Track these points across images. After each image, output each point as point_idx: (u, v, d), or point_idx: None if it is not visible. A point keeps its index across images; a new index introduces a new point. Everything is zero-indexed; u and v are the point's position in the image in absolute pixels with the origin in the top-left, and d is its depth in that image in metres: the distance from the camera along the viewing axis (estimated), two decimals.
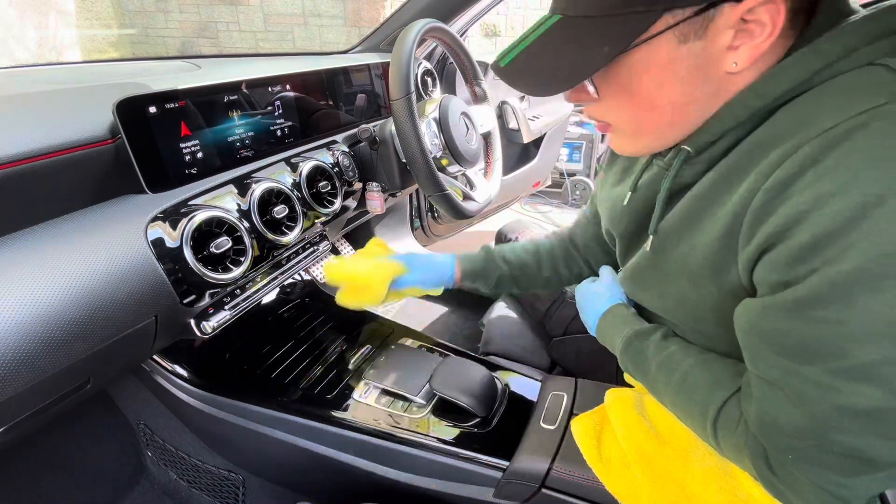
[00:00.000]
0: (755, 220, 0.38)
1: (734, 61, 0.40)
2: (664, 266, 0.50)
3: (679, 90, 0.42)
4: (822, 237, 0.34)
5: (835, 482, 0.39)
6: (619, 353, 0.61)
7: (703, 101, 0.43)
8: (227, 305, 0.74)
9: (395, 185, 0.96)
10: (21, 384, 0.50)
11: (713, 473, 0.56)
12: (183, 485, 0.98)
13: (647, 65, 0.41)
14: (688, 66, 0.41)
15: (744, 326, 0.43)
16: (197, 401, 0.84)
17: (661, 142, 0.48)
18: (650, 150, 0.50)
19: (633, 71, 0.42)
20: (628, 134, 0.49)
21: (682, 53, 0.40)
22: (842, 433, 0.37)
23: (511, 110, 1.64)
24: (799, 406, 0.39)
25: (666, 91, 0.42)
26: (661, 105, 0.43)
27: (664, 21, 0.39)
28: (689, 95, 0.42)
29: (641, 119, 0.46)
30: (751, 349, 0.43)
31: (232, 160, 0.75)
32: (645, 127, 0.46)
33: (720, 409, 0.48)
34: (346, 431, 0.76)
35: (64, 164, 0.58)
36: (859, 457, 0.38)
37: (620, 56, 0.41)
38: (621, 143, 0.51)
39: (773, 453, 0.42)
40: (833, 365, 0.36)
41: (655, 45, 0.40)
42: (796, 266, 0.36)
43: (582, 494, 0.64)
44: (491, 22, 4.31)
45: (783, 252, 0.37)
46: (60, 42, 4.63)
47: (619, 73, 0.43)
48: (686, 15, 0.38)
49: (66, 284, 0.52)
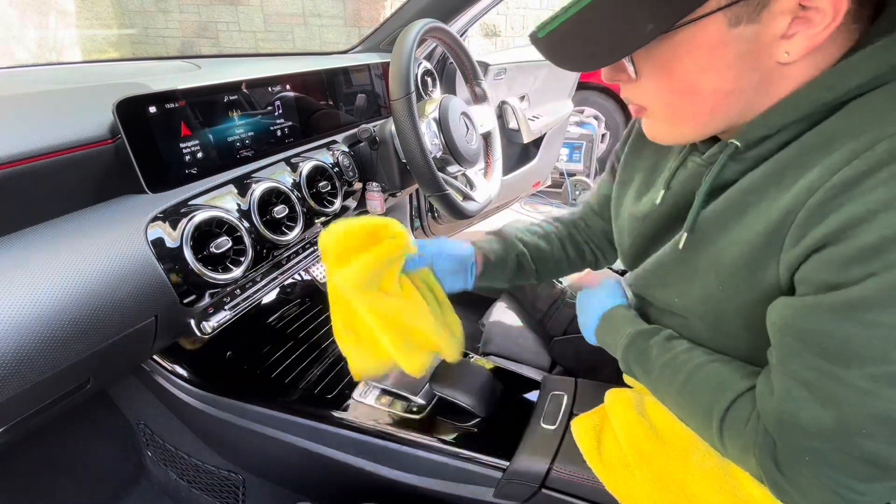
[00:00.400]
0: (811, 218, 0.37)
1: (787, 51, 0.37)
2: (693, 262, 0.48)
3: (724, 77, 0.40)
4: (891, 240, 0.32)
5: (847, 486, 0.39)
6: (620, 352, 0.61)
7: (748, 91, 0.41)
8: (227, 305, 0.74)
9: (395, 185, 0.96)
10: (21, 384, 0.50)
11: (713, 473, 0.56)
12: (183, 485, 0.98)
13: (692, 46, 0.39)
14: (736, 52, 0.38)
15: (778, 324, 0.41)
16: (197, 401, 0.84)
17: (698, 131, 0.46)
18: (685, 139, 0.48)
19: (678, 52, 0.40)
20: (664, 119, 0.46)
21: (732, 37, 0.38)
22: (869, 439, 0.37)
23: (511, 110, 1.64)
24: (830, 408, 0.38)
25: (710, 77, 0.40)
26: (703, 91, 0.41)
27: (716, 1, 0.36)
28: (734, 84, 0.40)
29: (680, 104, 0.43)
30: (784, 348, 0.41)
31: (232, 160, 0.75)
32: (683, 113, 0.44)
33: (728, 408, 0.47)
34: (346, 431, 0.75)
35: (64, 164, 0.58)
36: (880, 463, 0.37)
37: (665, 35, 0.38)
38: (655, 128, 0.48)
39: (786, 453, 0.42)
40: (875, 370, 0.35)
41: (703, 25, 0.37)
42: (852, 268, 0.35)
43: (582, 494, 0.64)
44: (491, 22, 4.31)
45: (839, 252, 0.35)
46: (60, 42, 4.63)
47: (662, 54, 0.40)
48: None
49: (66, 284, 0.52)
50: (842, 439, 0.38)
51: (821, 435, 0.39)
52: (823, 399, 0.38)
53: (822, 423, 0.38)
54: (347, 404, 0.79)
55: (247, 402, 0.81)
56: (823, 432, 0.39)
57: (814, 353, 0.38)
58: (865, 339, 0.35)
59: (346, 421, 0.76)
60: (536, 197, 2.95)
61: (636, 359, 0.59)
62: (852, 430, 0.37)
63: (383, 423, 0.75)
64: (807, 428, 0.39)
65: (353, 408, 0.78)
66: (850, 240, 0.34)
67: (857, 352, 0.36)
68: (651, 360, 0.56)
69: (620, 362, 0.63)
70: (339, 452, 0.77)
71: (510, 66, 1.56)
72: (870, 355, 0.35)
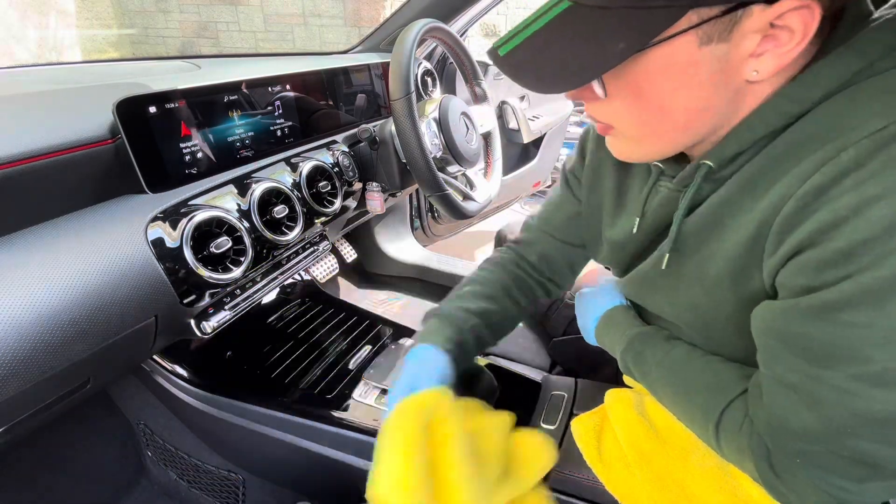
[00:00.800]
0: (786, 226, 0.37)
1: (755, 69, 0.37)
2: (677, 275, 0.49)
3: (696, 95, 0.39)
4: (860, 243, 0.33)
5: (840, 487, 0.39)
6: (619, 352, 0.61)
7: (719, 108, 0.40)
8: (227, 305, 0.74)
9: (395, 185, 0.96)
10: (21, 384, 0.50)
11: (713, 473, 0.56)
12: (183, 485, 0.98)
13: (663, 65, 0.38)
14: (708, 71, 0.38)
15: (761, 328, 0.42)
16: (197, 401, 0.84)
17: (667, 149, 0.45)
18: (653, 157, 0.47)
19: (648, 71, 0.38)
20: (631, 138, 0.45)
21: (703, 56, 0.37)
22: (856, 439, 0.37)
23: (511, 110, 1.64)
24: (814, 410, 0.38)
25: (681, 95, 0.39)
26: (675, 110, 0.40)
27: (688, 19, 0.35)
28: (705, 101, 0.40)
29: (650, 123, 0.42)
30: (768, 351, 0.42)
31: (232, 160, 0.75)
32: (652, 131, 0.43)
33: (723, 411, 0.48)
34: (346, 431, 0.75)
35: (64, 164, 0.58)
36: (869, 463, 0.37)
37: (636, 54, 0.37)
38: (622, 147, 0.48)
39: (779, 456, 0.42)
40: (855, 370, 0.36)
41: (675, 44, 0.36)
42: (826, 271, 0.35)
43: (582, 494, 0.64)
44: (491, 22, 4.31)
45: (814, 257, 0.35)
46: (60, 42, 4.63)
47: (632, 73, 0.39)
48: (712, 14, 0.35)
49: (66, 284, 0.52)
50: (829, 440, 0.38)
51: (809, 437, 0.39)
52: (808, 401, 0.39)
53: (808, 424, 0.39)
54: (347, 404, 0.79)
55: (247, 402, 0.81)
56: (811, 434, 0.39)
57: (796, 356, 0.39)
58: (844, 339, 0.36)
59: (346, 421, 0.76)
60: (536, 197, 2.94)
61: (635, 359, 0.59)
62: (838, 430, 0.37)
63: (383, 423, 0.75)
64: (795, 430, 0.40)
65: (353, 408, 0.78)
66: (822, 245, 0.35)
67: (836, 352, 0.36)
68: (649, 362, 0.56)
69: (620, 363, 0.63)
70: (339, 452, 0.77)
71: None
72: (849, 355, 0.36)
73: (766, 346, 0.42)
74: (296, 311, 1.04)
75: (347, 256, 1.60)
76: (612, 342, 0.64)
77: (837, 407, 0.37)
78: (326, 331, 0.98)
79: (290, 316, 1.02)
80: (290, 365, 0.88)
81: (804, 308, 0.37)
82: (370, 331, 0.98)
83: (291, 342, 0.94)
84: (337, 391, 0.82)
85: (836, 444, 0.38)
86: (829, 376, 0.37)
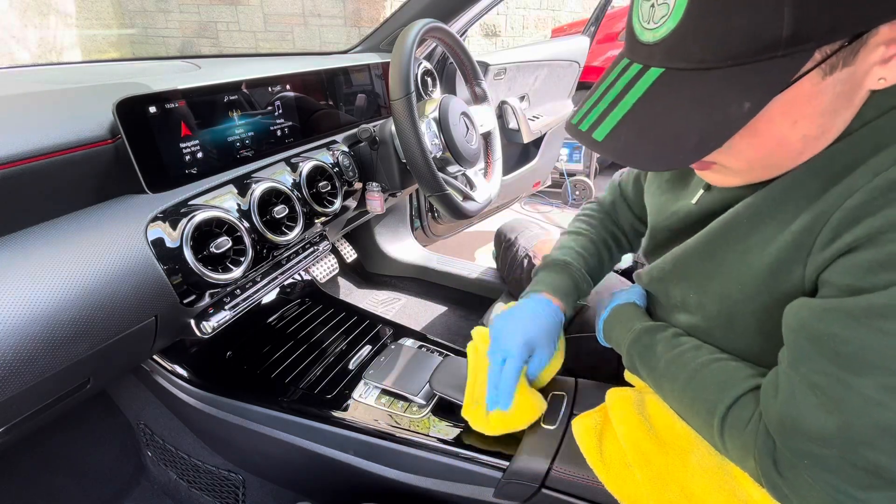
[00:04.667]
0: (846, 219, 0.36)
1: (882, 77, 0.34)
2: (718, 259, 0.47)
3: (815, 124, 0.36)
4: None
5: (846, 493, 0.38)
6: (626, 346, 0.61)
7: (838, 129, 0.38)
8: (227, 305, 0.74)
9: (395, 185, 0.96)
10: (21, 384, 0.50)
11: (713, 473, 0.56)
12: (183, 485, 0.98)
13: (784, 106, 0.35)
14: (831, 97, 0.35)
15: (793, 325, 0.40)
16: (197, 401, 0.84)
17: (771, 174, 0.42)
18: (756, 181, 0.43)
19: (769, 114, 0.35)
20: (737, 172, 0.42)
21: (827, 86, 0.34)
22: (872, 449, 0.36)
23: (511, 110, 1.64)
24: (835, 414, 0.37)
25: (800, 126, 0.36)
26: (792, 141, 0.37)
27: (813, 59, 0.32)
28: (825, 127, 0.37)
29: (763, 158, 0.39)
30: (797, 349, 0.40)
31: (232, 160, 0.75)
32: (763, 165, 0.40)
33: (730, 407, 0.47)
34: (346, 431, 0.75)
35: (64, 164, 0.58)
36: (880, 474, 0.37)
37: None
38: (722, 179, 0.44)
39: (785, 455, 0.42)
40: (887, 380, 0.35)
41: (798, 84, 0.33)
42: (879, 273, 0.34)
43: (582, 494, 0.64)
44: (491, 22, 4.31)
45: (868, 257, 0.34)
46: (60, 42, 4.63)
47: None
48: (836, 46, 0.32)
49: (66, 284, 0.52)
50: (844, 447, 0.37)
51: (823, 440, 0.38)
52: (830, 405, 0.38)
53: (825, 428, 0.38)
54: (347, 404, 0.79)
55: (247, 402, 0.81)
56: (826, 438, 0.38)
57: (827, 358, 0.38)
58: (881, 348, 0.35)
59: (346, 421, 0.76)
60: (536, 197, 2.95)
61: (641, 353, 0.58)
62: (856, 438, 0.37)
63: (383, 423, 0.75)
64: (809, 432, 0.39)
65: (353, 408, 0.78)
66: (880, 245, 0.33)
67: (871, 360, 0.35)
68: (657, 356, 0.56)
69: (625, 357, 0.63)
70: (339, 452, 0.77)
71: (510, 66, 1.56)
72: (884, 365, 0.35)
73: (795, 343, 0.41)
74: (296, 311, 1.04)
75: (347, 256, 1.60)
76: (618, 336, 0.63)
77: (861, 415, 0.36)
78: (326, 331, 0.98)
79: (290, 316, 1.02)
80: (290, 365, 0.88)
81: (847, 310, 0.36)
82: (370, 331, 0.98)
83: (291, 342, 0.94)
84: (337, 391, 0.82)
85: (850, 451, 0.37)
86: (859, 383, 0.36)
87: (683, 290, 0.54)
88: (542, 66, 1.70)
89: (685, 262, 0.53)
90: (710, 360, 0.51)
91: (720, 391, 0.48)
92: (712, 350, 0.52)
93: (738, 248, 0.45)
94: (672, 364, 0.54)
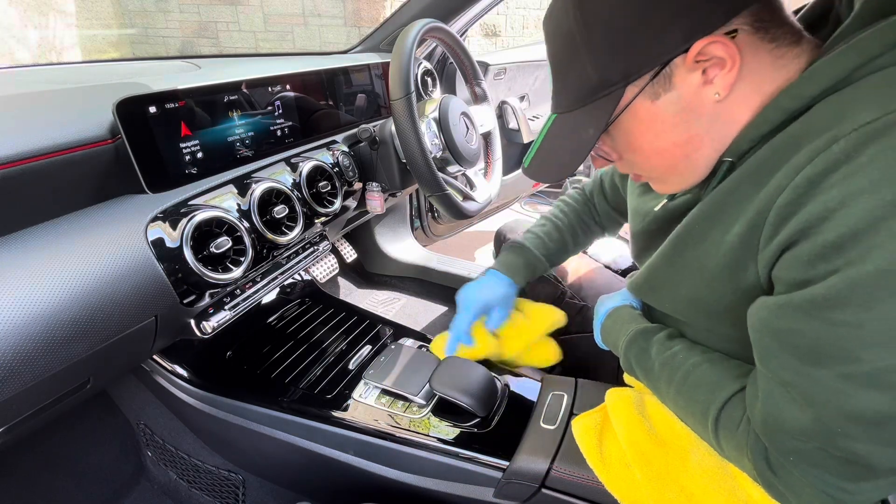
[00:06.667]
0: (780, 217, 0.38)
1: (715, 92, 0.42)
2: (681, 263, 0.50)
3: (675, 132, 0.45)
4: (848, 236, 0.33)
5: (836, 486, 0.39)
6: (622, 349, 0.61)
7: (707, 130, 0.45)
8: (227, 305, 0.74)
9: (395, 185, 0.96)
10: (21, 384, 0.51)
11: (713, 473, 0.56)
12: (183, 485, 0.98)
13: (635, 126, 0.46)
14: (672, 113, 0.44)
15: (756, 325, 0.42)
16: (197, 401, 0.84)
17: (690, 175, 0.49)
18: (688, 184, 0.51)
19: (629, 134, 0.47)
20: (657, 179, 0.52)
21: (661, 107, 0.44)
22: (847, 438, 0.37)
23: (511, 110, 1.64)
24: (806, 408, 0.38)
25: (664, 138, 0.46)
26: (666, 149, 0.47)
27: (630, 92, 0.44)
28: (688, 132, 0.45)
29: (658, 164, 0.49)
30: (762, 348, 0.42)
31: (232, 160, 0.75)
32: (665, 169, 0.49)
33: (722, 408, 0.48)
34: (346, 431, 0.75)
35: (64, 164, 0.58)
36: (862, 462, 0.37)
37: (612, 128, 0.47)
38: (658, 187, 0.54)
39: (775, 454, 0.42)
40: (845, 369, 0.36)
41: (633, 110, 0.45)
42: (817, 264, 0.35)
43: (582, 494, 0.64)
44: (491, 22, 4.31)
45: (805, 250, 0.36)
46: (60, 42, 4.63)
47: (620, 138, 0.49)
48: (645, 81, 0.43)
49: (66, 284, 0.52)
50: (822, 439, 0.38)
51: (803, 435, 0.39)
52: (801, 399, 0.39)
53: (801, 423, 0.39)
54: (347, 404, 0.79)
55: (247, 402, 0.81)
56: (804, 433, 0.39)
57: (788, 353, 0.39)
58: (833, 338, 0.36)
59: (346, 421, 0.76)
60: (536, 197, 2.95)
61: (637, 356, 0.59)
62: (830, 429, 0.37)
63: (383, 423, 0.75)
64: (789, 429, 0.40)
65: (352, 408, 0.78)
66: (812, 237, 0.35)
67: (826, 351, 0.36)
68: (651, 358, 0.57)
69: (622, 360, 0.63)
70: (339, 452, 0.77)
71: (510, 66, 1.56)
72: (839, 354, 0.36)
73: (760, 342, 0.42)
74: (296, 311, 1.04)
75: (347, 256, 1.60)
76: (615, 339, 0.64)
77: (828, 406, 0.37)
78: (326, 331, 0.98)
79: (290, 316, 1.02)
80: (290, 365, 0.88)
81: (796, 304, 0.37)
82: (370, 331, 0.98)
83: (291, 342, 0.94)
84: (337, 391, 0.82)
85: (828, 443, 0.38)
86: (820, 375, 0.37)
87: (658, 301, 0.56)
88: (542, 66, 1.70)
89: (654, 273, 0.55)
90: (701, 361, 0.52)
91: (711, 393, 0.49)
92: (704, 350, 0.53)
93: (695, 253, 0.48)
94: (666, 366, 0.55)
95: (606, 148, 0.52)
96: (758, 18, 0.41)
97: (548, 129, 0.51)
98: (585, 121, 0.46)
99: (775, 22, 0.42)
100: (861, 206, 0.33)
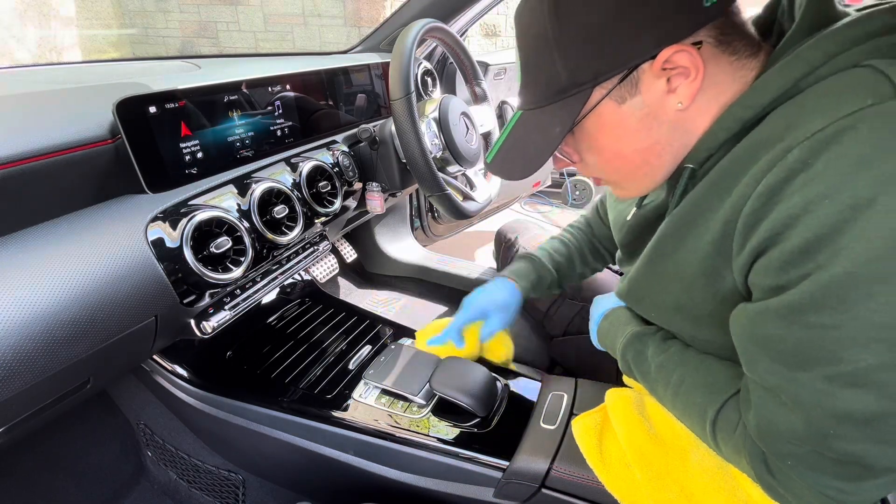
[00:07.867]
0: (748, 225, 0.39)
1: (678, 101, 0.43)
2: (660, 272, 0.51)
3: (637, 138, 0.46)
4: (813, 241, 0.34)
5: (834, 487, 0.39)
6: (619, 351, 0.61)
7: (668, 138, 0.46)
8: (227, 305, 0.74)
9: (395, 185, 0.96)
10: (21, 384, 0.50)
11: (713, 473, 0.56)
12: (183, 485, 0.98)
13: (599, 128, 0.47)
14: (636, 118, 0.45)
15: (738, 332, 0.43)
16: (197, 401, 0.84)
17: (647, 181, 0.51)
18: (644, 190, 0.53)
19: (592, 135, 0.48)
20: (616, 183, 0.53)
21: (626, 111, 0.45)
22: (839, 439, 0.37)
23: (511, 110, 1.64)
24: (796, 412, 0.39)
25: (626, 142, 0.47)
26: (627, 153, 0.48)
27: (598, 93, 0.44)
28: (648, 139, 0.46)
29: (618, 168, 0.50)
30: (747, 354, 0.42)
31: (232, 160, 0.75)
32: (625, 173, 0.50)
33: (719, 410, 0.48)
34: (346, 431, 0.75)
35: (64, 164, 0.58)
36: (857, 462, 0.37)
37: (576, 128, 0.47)
38: (618, 192, 0.55)
39: (772, 458, 0.42)
40: (828, 371, 0.36)
41: (599, 112, 0.46)
42: (789, 270, 0.36)
43: (582, 494, 0.64)
44: (491, 22, 4.31)
45: (776, 256, 0.37)
46: (60, 42, 4.62)
47: (583, 140, 0.49)
48: (613, 83, 0.43)
49: (66, 284, 0.52)
50: (815, 442, 0.38)
51: (795, 439, 0.39)
52: (790, 403, 0.39)
53: (794, 427, 0.39)
54: (347, 404, 0.79)
55: (247, 402, 0.81)
56: (797, 437, 0.39)
57: (772, 359, 0.39)
58: (814, 341, 0.36)
59: (346, 421, 0.76)
60: (536, 197, 2.95)
61: (634, 359, 0.59)
62: (822, 432, 0.38)
63: (383, 423, 0.75)
64: (783, 433, 0.40)
65: (352, 408, 0.78)
66: (781, 244, 0.36)
67: (809, 354, 0.37)
68: (647, 361, 0.57)
69: (620, 362, 0.63)
70: (339, 452, 0.77)
71: (510, 66, 1.56)
72: (821, 357, 0.36)
73: (744, 349, 0.43)
74: (296, 311, 1.04)
75: (347, 256, 1.60)
76: (612, 341, 0.64)
77: (817, 409, 0.37)
78: (326, 331, 0.98)
79: (290, 316, 1.02)
80: (290, 365, 0.88)
81: (774, 310, 0.38)
82: (370, 331, 0.98)
83: (291, 342, 0.94)
84: (337, 391, 0.82)
85: (822, 445, 0.38)
86: (805, 378, 0.37)
87: (644, 308, 0.57)
88: None
89: (636, 284, 0.56)
90: (697, 363, 0.52)
91: (708, 395, 0.49)
92: (698, 352, 0.53)
93: (673, 262, 0.48)
94: (662, 369, 0.55)
95: (568, 149, 0.52)
96: (721, 31, 0.42)
97: (512, 126, 0.51)
98: (551, 119, 0.47)
99: (737, 34, 0.43)
100: (823, 211, 0.34)
